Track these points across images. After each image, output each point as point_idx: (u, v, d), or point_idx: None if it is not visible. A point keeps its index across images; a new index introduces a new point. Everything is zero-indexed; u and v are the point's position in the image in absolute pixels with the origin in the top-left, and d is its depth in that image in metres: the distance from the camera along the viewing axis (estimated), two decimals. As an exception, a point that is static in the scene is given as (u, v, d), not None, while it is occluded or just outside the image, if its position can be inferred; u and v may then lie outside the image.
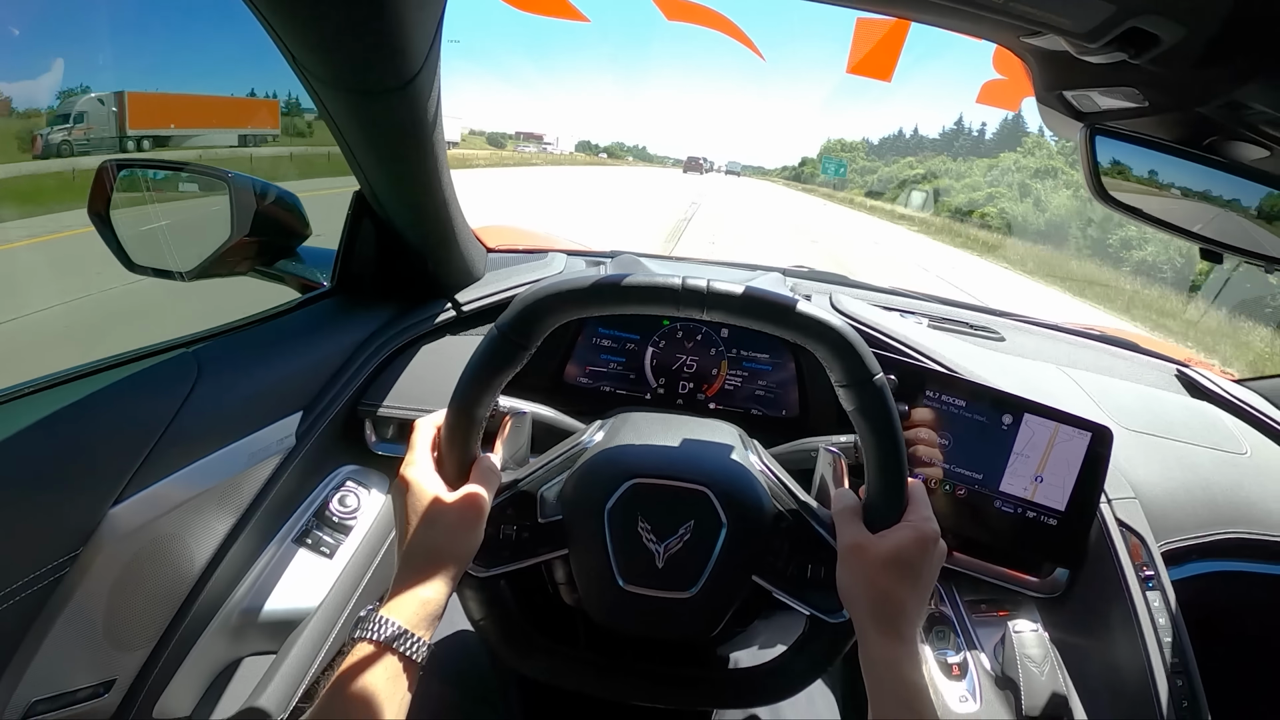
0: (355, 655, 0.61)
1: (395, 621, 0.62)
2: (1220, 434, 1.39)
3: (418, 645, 0.62)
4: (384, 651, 0.61)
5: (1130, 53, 0.69)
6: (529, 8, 1.15)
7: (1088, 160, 0.80)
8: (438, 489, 0.70)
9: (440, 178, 1.04)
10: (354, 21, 0.76)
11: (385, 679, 0.60)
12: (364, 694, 0.59)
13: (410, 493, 0.70)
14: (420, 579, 0.66)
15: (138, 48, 10.13)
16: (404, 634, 0.62)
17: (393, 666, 0.61)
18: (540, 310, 0.68)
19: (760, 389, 1.30)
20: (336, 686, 0.59)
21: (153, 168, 1.18)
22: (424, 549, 0.68)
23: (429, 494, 0.69)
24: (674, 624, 0.78)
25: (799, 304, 0.68)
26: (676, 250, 12.66)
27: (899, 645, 0.65)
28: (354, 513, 1.10)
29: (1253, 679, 1.46)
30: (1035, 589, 1.11)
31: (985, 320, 1.62)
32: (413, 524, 0.68)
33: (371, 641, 0.61)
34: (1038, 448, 1.03)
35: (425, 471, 0.71)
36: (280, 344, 1.08)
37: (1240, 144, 0.80)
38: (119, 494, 0.84)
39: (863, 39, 1.12)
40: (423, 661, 0.63)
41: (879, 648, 0.66)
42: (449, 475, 0.72)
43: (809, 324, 0.67)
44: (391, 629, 0.62)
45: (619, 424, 0.87)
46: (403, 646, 0.61)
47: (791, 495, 0.81)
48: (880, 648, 0.66)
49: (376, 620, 0.62)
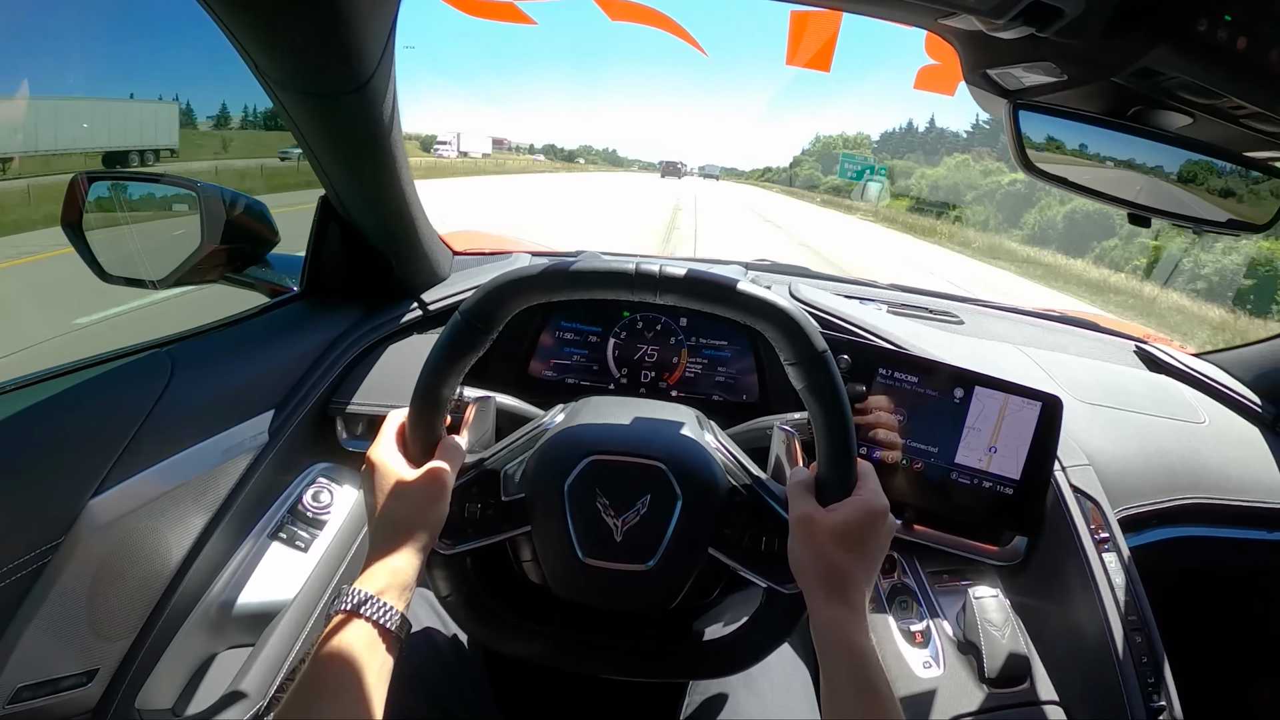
0: (336, 627, 0.62)
1: (363, 590, 0.64)
2: (1178, 405, 1.42)
3: (387, 611, 0.64)
4: (353, 618, 0.62)
5: (1037, 26, 0.71)
6: (477, 12, 1.17)
7: (1012, 135, 0.82)
8: (401, 466, 0.73)
9: (400, 179, 1.06)
10: (307, 26, 0.79)
11: (360, 645, 0.61)
12: (339, 661, 0.60)
13: (376, 471, 0.72)
14: (388, 550, 0.68)
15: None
16: (371, 599, 0.63)
17: (367, 633, 0.62)
18: (501, 295, 0.71)
19: (721, 375, 1.32)
20: (315, 658, 0.61)
21: (124, 179, 1.19)
22: (390, 521, 0.70)
23: (393, 470, 0.72)
24: (633, 596, 0.80)
25: (748, 285, 0.70)
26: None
27: (846, 612, 0.67)
28: (327, 508, 1.11)
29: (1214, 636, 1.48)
30: (996, 557, 1.13)
31: (945, 305, 1.65)
32: (380, 500, 0.71)
33: (343, 611, 0.63)
34: (989, 419, 1.05)
35: (390, 451, 0.74)
36: (251, 345, 1.10)
37: (1164, 112, 0.82)
38: (98, 486, 0.86)
39: (797, 31, 1.14)
40: (397, 630, 0.64)
41: (826, 615, 0.67)
42: (413, 455, 0.74)
43: (756, 304, 0.69)
44: (359, 595, 0.63)
45: (580, 406, 0.90)
46: (370, 611, 0.63)
47: (746, 471, 0.83)
48: (827, 615, 0.67)
49: (352, 593, 0.64)
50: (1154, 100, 0.80)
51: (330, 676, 0.60)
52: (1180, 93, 0.77)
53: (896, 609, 1.08)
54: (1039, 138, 0.85)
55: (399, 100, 0.99)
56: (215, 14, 0.78)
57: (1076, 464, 1.13)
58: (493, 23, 1.23)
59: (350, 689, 0.59)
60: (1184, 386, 1.51)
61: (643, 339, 1.32)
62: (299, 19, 0.78)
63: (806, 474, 0.76)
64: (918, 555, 1.15)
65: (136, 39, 13.13)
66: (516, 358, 1.29)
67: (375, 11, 0.83)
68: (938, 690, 0.99)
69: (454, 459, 0.75)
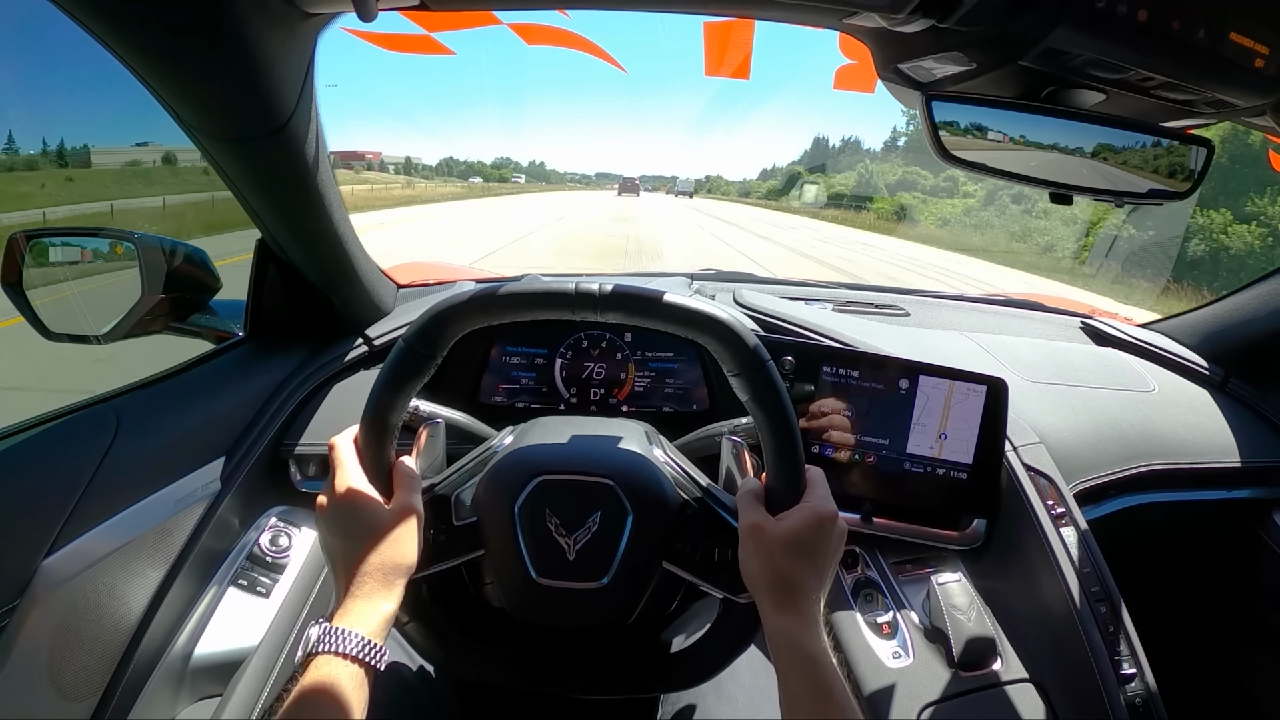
0: (321, 668, 0.60)
1: (358, 633, 0.62)
2: (1127, 375, 1.41)
3: (380, 655, 0.63)
4: (350, 663, 0.61)
5: (938, 17, 0.70)
6: (395, 46, 1.15)
7: (928, 126, 0.80)
8: (376, 500, 0.70)
9: (333, 217, 1.03)
10: (219, 73, 0.77)
11: (352, 688, 0.60)
12: (334, 704, 0.59)
13: (343, 507, 0.69)
14: (375, 589, 0.66)
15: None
16: (367, 644, 0.62)
17: (358, 677, 0.61)
18: (443, 320, 0.69)
19: (670, 387, 1.30)
20: (302, 699, 0.59)
21: (62, 234, 1.15)
22: (366, 560, 0.67)
23: (370, 506, 0.70)
24: (589, 613, 0.78)
25: (686, 300, 0.69)
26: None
27: (797, 620, 0.66)
28: (286, 551, 1.07)
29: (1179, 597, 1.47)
30: (956, 542, 1.11)
31: (891, 299, 1.64)
32: (349, 538, 0.68)
33: (337, 654, 0.61)
34: (937, 407, 1.03)
35: (361, 484, 0.71)
36: (197, 393, 1.07)
37: (1077, 91, 0.81)
38: (50, 546, 0.82)
39: (713, 42, 1.12)
40: (382, 668, 0.63)
41: (778, 624, 0.66)
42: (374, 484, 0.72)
43: (696, 318, 0.68)
44: (355, 641, 0.62)
45: (528, 428, 0.88)
46: (368, 656, 0.61)
47: (695, 483, 0.82)
48: (779, 624, 0.66)
49: (341, 634, 0.62)
50: (1065, 80, 0.80)
51: (317, 717, 0.58)
52: (1090, 70, 0.76)
53: (862, 602, 1.06)
54: (957, 127, 0.83)
55: (325, 138, 0.96)
56: (129, 66, 0.76)
57: (1028, 443, 1.12)
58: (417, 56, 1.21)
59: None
60: (1131, 357, 1.50)
61: (589, 357, 1.29)
62: (210, 67, 0.76)
63: (756, 484, 0.75)
64: (879, 547, 1.12)
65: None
66: (466, 384, 1.26)
67: (288, 55, 0.81)
68: (909, 679, 0.96)
69: (415, 488, 0.74)
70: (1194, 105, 0.82)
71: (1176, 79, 0.74)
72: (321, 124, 0.94)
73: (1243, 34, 0.70)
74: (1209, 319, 1.53)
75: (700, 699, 0.95)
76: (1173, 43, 0.69)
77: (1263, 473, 1.33)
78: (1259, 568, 1.34)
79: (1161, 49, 0.70)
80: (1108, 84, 0.78)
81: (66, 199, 11.18)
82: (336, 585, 0.68)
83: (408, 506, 0.71)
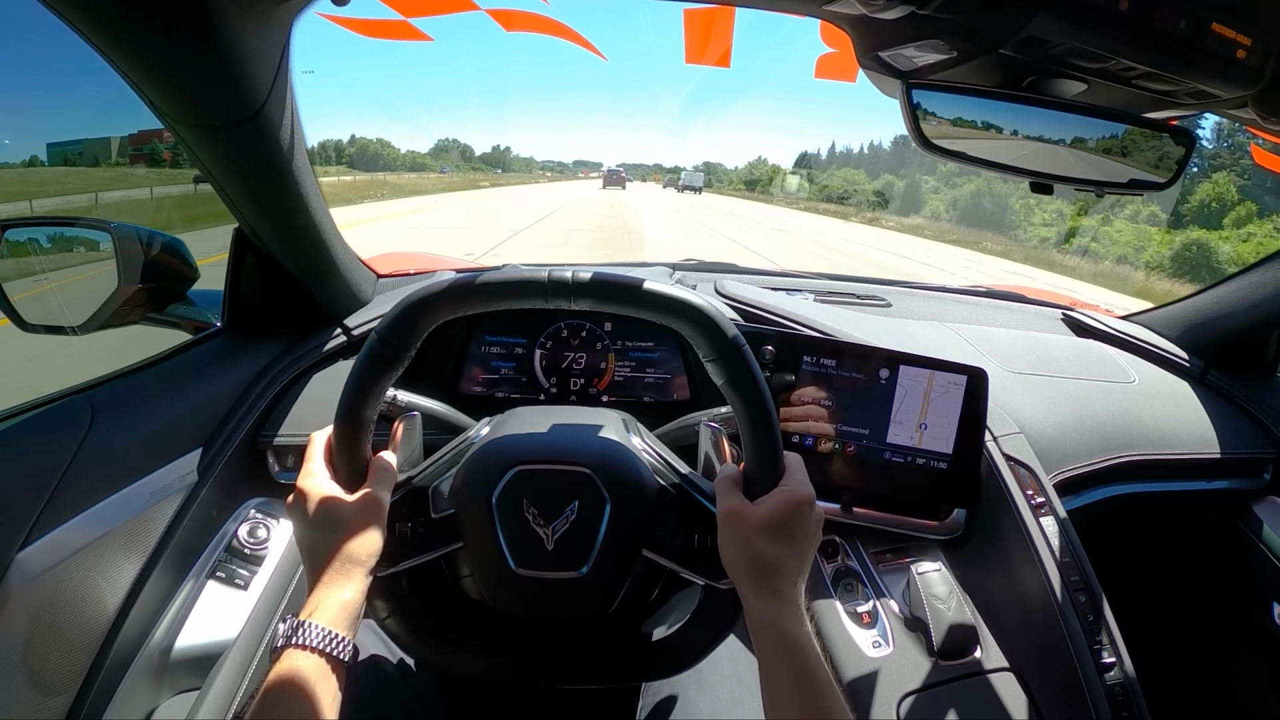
0: (286, 662, 0.59)
1: (320, 625, 0.61)
2: (1107, 367, 1.40)
3: (339, 642, 0.61)
4: (313, 655, 0.60)
5: (918, 4, 0.68)
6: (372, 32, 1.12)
7: (908, 115, 0.79)
8: (335, 492, 0.69)
9: (310, 205, 1.01)
10: (191, 60, 0.75)
11: (317, 680, 0.59)
12: (293, 695, 0.58)
13: (310, 500, 0.68)
14: (332, 579, 0.65)
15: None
16: (331, 635, 0.61)
17: (322, 669, 0.60)
18: (415, 311, 0.68)
19: (650, 377, 1.28)
20: (269, 695, 0.58)
21: (36, 225, 1.12)
22: (330, 550, 0.66)
23: (329, 499, 0.68)
24: (569, 603, 0.77)
25: (659, 285, 0.67)
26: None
27: (777, 604, 0.64)
28: (264, 543, 1.05)
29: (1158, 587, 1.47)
30: (936, 532, 1.10)
31: (873, 290, 1.63)
32: (317, 530, 0.67)
33: (300, 647, 0.60)
34: (917, 396, 1.02)
35: (322, 479, 0.70)
36: (174, 384, 1.04)
37: (1059, 80, 0.80)
38: (24, 538, 0.81)
39: (693, 30, 1.10)
40: (350, 661, 0.62)
41: (758, 609, 0.65)
42: (344, 479, 0.71)
43: (669, 303, 0.67)
44: (318, 633, 0.60)
45: (505, 418, 0.86)
46: (321, 643, 0.60)
47: (674, 470, 0.80)
48: (759, 609, 0.65)
49: (303, 626, 0.61)
50: (1046, 69, 0.78)
51: (283, 712, 0.57)
52: (1071, 59, 0.74)
53: (842, 592, 1.05)
54: (938, 116, 0.82)
55: (302, 125, 0.94)
56: (103, 54, 0.74)
57: (1008, 433, 1.11)
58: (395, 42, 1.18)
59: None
60: (1112, 349, 1.50)
61: (569, 346, 1.27)
62: (182, 54, 0.74)
63: (734, 469, 0.73)
64: (859, 537, 1.12)
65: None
66: (445, 376, 1.24)
67: (262, 41, 0.79)
68: (889, 668, 0.96)
69: (386, 481, 0.73)
70: (1175, 96, 0.80)
71: (1158, 69, 0.73)
72: (298, 111, 0.92)
73: (1225, 25, 0.69)
74: (1189, 311, 1.52)
75: (681, 689, 0.94)
76: (1154, 33, 0.68)
77: (1241, 464, 1.33)
78: (1236, 558, 1.35)
79: (1143, 39, 0.69)
80: (1089, 73, 0.77)
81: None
82: (307, 578, 0.67)
83: (372, 498, 0.70)
